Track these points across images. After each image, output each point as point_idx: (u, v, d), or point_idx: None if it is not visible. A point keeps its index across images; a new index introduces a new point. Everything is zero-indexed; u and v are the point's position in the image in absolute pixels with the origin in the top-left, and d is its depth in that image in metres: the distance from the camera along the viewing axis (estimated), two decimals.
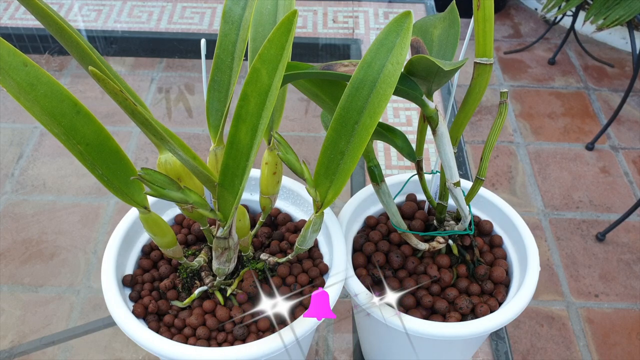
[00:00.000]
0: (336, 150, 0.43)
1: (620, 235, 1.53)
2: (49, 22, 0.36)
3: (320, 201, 0.45)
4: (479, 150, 1.74)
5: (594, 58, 2.07)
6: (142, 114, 0.35)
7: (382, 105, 0.41)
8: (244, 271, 0.53)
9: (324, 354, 0.71)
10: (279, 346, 0.46)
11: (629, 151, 1.76)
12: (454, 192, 0.50)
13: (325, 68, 0.43)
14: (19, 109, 1.16)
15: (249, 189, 0.61)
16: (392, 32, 0.41)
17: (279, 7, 0.48)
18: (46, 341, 0.82)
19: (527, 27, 2.27)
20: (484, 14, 0.43)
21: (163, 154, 0.48)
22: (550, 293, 1.41)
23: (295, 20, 0.40)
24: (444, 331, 0.50)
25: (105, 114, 1.18)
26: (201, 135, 1.19)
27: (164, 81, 1.22)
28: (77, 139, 0.41)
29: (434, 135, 0.47)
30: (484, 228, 0.60)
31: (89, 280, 0.95)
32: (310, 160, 1.03)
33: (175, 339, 0.49)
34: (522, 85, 1.99)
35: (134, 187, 0.44)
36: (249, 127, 0.40)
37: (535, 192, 1.63)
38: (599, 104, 1.91)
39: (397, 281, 0.55)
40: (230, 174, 0.41)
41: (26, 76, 0.39)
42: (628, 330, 1.34)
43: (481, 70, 0.45)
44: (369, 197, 0.61)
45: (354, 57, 1.13)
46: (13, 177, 1.08)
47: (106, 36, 1.17)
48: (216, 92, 0.47)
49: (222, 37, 0.47)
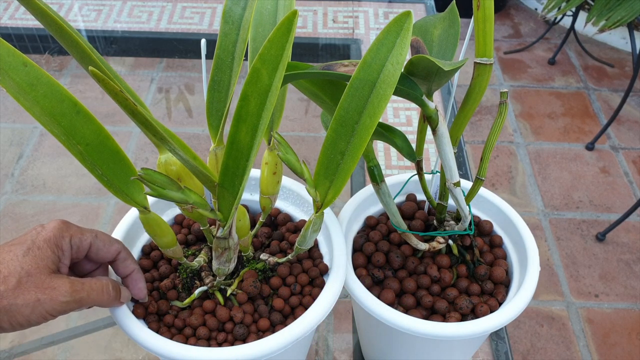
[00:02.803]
0: (336, 150, 0.43)
1: (620, 235, 1.53)
2: (49, 22, 0.36)
3: (320, 201, 0.45)
4: (479, 150, 1.74)
5: (594, 58, 2.07)
6: (142, 114, 0.35)
7: (382, 105, 0.41)
8: (244, 271, 0.53)
9: (324, 354, 0.71)
10: (279, 346, 0.46)
11: (629, 151, 1.76)
12: (454, 192, 0.50)
13: (325, 68, 0.43)
14: (19, 109, 1.15)
15: (249, 189, 0.61)
16: (392, 32, 0.41)
17: (279, 7, 0.48)
18: (46, 341, 0.82)
19: (527, 27, 2.27)
20: (484, 14, 0.43)
21: (163, 154, 0.48)
22: (550, 293, 1.41)
23: (295, 20, 0.40)
24: (444, 331, 0.50)
25: (105, 114, 1.18)
26: (201, 135, 1.19)
27: (164, 81, 1.22)
28: (77, 139, 0.41)
29: (434, 135, 0.47)
30: (484, 228, 0.60)
31: None
32: (310, 160, 1.03)
33: (175, 339, 0.49)
34: (522, 85, 1.99)
35: (134, 187, 0.44)
36: (249, 127, 0.40)
37: (535, 192, 1.63)
38: (599, 104, 1.91)
39: (397, 281, 0.55)
40: (230, 174, 0.41)
41: (26, 76, 0.39)
42: (628, 330, 1.34)
43: (481, 70, 0.45)
44: (369, 197, 0.61)
45: (354, 57, 1.13)
46: (13, 177, 1.08)
47: (106, 36, 1.17)
48: (216, 92, 0.47)
49: (222, 37, 0.47)
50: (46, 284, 0.41)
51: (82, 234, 0.45)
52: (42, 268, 0.41)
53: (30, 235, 0.43)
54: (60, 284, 0.42)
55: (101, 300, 0.45)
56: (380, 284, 0.56)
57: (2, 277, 0.40)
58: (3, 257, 0.41)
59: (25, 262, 0.41)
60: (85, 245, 0.45)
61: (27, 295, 0.40)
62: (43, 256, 0.42)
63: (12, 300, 0.40)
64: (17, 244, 0.42)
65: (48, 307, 0.41)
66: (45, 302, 0.41)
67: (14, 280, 0.40)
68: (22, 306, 0.40)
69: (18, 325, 0.41)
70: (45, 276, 0.41)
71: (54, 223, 0.44)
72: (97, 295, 0.44)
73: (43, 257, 0.42)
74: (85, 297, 0.43)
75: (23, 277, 0.40)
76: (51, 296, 0.41)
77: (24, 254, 0.41)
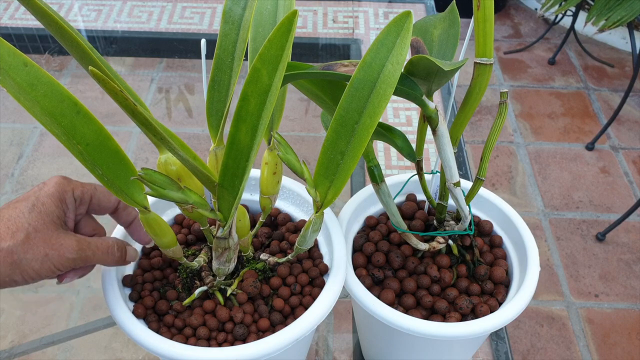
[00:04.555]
0: (336, 150, 0.43)
1: (620, 235, 1.53)
2: (49, 22, 0.36)
3: (320, 201, 0.45)
4: (479, 150, 1.74)
5: (594, 58, 2.07)
6: (142, 114, 0.35)
7: (382, 105, 0.41)
8: (244, 271, 0.53)
9: (324, 354, 0.71)
10: (279, 346, 0.46)
11: (629, 151, 1.76)
12: (454, 192, 0.50)
13: (325, 68, 0.43)
14: (19, 109, 1.15)
15: (249, 189, 0.61)
16: (392, 32, 0.41)
17: (279, 7, 0.48)
18: (46, 341, 0.82)
19: (527, 27, 2.27)
20: (484, 14, 0.43)
21: (163, 154, 0.48)
22: (550, 293, 1.41)
23: (295, 20, 0.40)
24: (444, 331, 0.50)
25: (105, 114, 1.18)
26: (201, 135, 1.19)
27: (164, 81, 1.22)
28: (77, 139, 0.41)
29: (434, 135, 0.47)
30: (484, 228, 0.60)
31: (89, 281, 0.95)
32: (310, 160, 1.03)
33: (176, 339, 0.49)
34: (522, 85, 1.99)
35: (134, 187, 0.44)
36: (249, 127, 0.40)
37: (535, 192, 1.63)
38: (599, 104, 1.91)
39: (397, 281, 0.55)
40: (230, 174, 0.41)
41: (26, 76, 0.39)
42: (628, 330, 1.34)
43: (481, 70, 0.45)
44: (369, 197, 0.61)
45: (354, 57, 1.13)
46: (13, 177, 1.08)
47: (106, 36, 1.17)
48: (216, 92, 0.47)
49: (222, 37, 0.47)
50: (54, 239, 0.43)
51: (83, 186, 0.47)
52: (49, 223, 0.43)
53: (33, 192, 0.44)
54: (67, 241, 0.43)
55: (106, 260, 0.47)
56: (380, 284, 0.56)
57: (11, 232, 0.41)
58: (10, 213, 0.42)
59: (32, 218, 0.42)
60: (87, 197, 0.47)
61: (35, 250, 0.42)
62: (48, 211, 0.43)
63: (22, 255, 0.41)
64: (22, 201, 0.43)
65: (56, 262, 0.42)
66: (53, 258, 0.42)
67: (22, 236, 0.41)
68: (32, 260, 0.41)
69: (30, 278, 0.42)
70: (52, 231, 0.43)
71: (55, 179, 0.46)
72: (102, 254, 0.46)
73: (48, 212, 0.43)
74: (91, 256, 0.45)
75: (31, 233, 0.42)
76: (59, 252, 0.42)
77: (29, 210, 0.43)
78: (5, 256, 0.41)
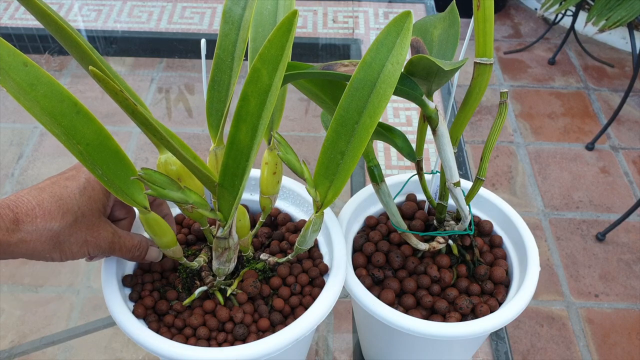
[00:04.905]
0: (336, 150, 0.43)
1: (620, 235, 1.53)
2: (49, 22, 0.36)
3: (320, 201, 0.45)
4: (479, 150, 1.74)
5: (594, 58, 2.07)
6: (142, 114, 0.35)
7: (382, 105, 0.41)
8: (244, 271, 0.53)
9: (324, 354, 0.71)
10: (279, 346, 0.46)
11: (629, 151, 1.76)
12: (454, 192, 0.50)
13: (325, 68, 0.43)
14: (19, 109, 1.15)
15: (249, 189, 0.61)
16: (392, 32, 0.41)
17: (279, 7, 0.48)
18: (46, 341, 0.82)
19: (527, 27, 2.27)
20: (484, 14, 0.43)
21: (163, 154, 0.48)
22: (550, 293, 1.41)
23: (295, 20, 0.40)
24: (444, 331, 0.50)
25: (105, 114, 1.18)
26: (201, 135, 1.19)
27: (164, 81, 1.22)
28: (77, 139, 0.41)
29: (434, 135, 0.47)
30: (484, 228, 0.60)
31: (89, 280, 0.95)
32: (310, 160, 1.03)
33: (176, 339, 0.49)
34: (522, 85, 1.99)
35: (134, 187, 0.44)
36: (249, 127, 0.40)
37: (535, 192, 1.63)
38: (599, 104, 1.91)
39: (397, 281, 0.55)
40: (230, 174, 0.41)
41: (26, 76, 0.39)
42: (628, 330, 1.34)
43: (481, 70, 0.45)
44: (369, 197, 0.61)
45: (354, 57, 1.13)
46: (13, 177, 1.08)
47: (106, 36, 1.17)
48: (216, 92, 0.47)
49: (222, 37, 0.47)
50: (95, 227, 0.45)
51: None
52: (95, 210, 0.45)
53: (83, 172, 0.46)
54: (104, 232, 0.46)
55: (125, 257, 0.49)
56: (380, 284, 0.56)
57: (62, 213, 0.43)
58: (61, 192, 0.43)
59: (82, 202, 0.44)
60: None
61: (79, 234, 0.44)
62: (96, 198, 0.45)
63: (66, 237, 0.43)
64: (71, 179, 0.45)
65: (91, 249, 0.45)
66: (90, 245, 0.45)
67: (71, 219, 0.43)
68: (73, 244, 0.44)
69: (65, 258, 0.44)
70: (96, 219, 0.45)
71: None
72: (125, 252, 0.48)
73: (96, 198, 0.45)
74: (117, 251, 0.47)
75: (79, 217, 0.44)
76: (96, 241, 0.45)
77: (80, 192, 0.44)
78: (52, 236, 0.42)
